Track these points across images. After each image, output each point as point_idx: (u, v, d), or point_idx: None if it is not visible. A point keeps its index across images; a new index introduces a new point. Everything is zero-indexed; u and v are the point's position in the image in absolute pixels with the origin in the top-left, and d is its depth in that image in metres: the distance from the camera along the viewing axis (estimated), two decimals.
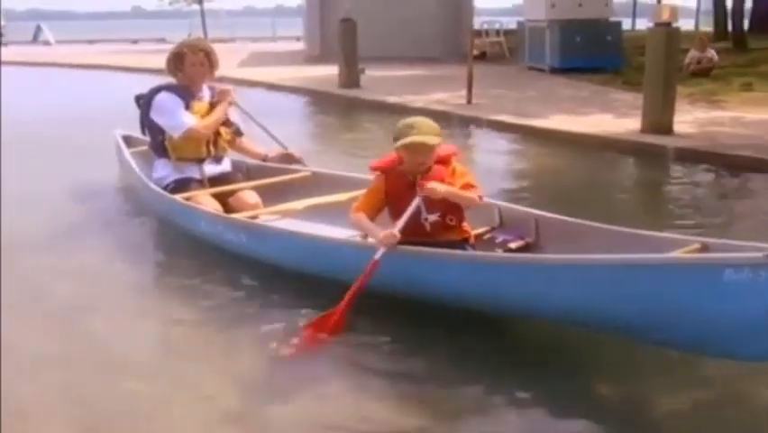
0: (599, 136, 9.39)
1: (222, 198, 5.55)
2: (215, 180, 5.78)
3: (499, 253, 4.34)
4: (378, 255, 3.97)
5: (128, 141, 7.07)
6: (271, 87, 16.15)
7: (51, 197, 6.77)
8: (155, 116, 5.68)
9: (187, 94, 5.68)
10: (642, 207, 7.11)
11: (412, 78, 16.27)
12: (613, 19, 17.62)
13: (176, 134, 5.60)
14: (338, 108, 13.52)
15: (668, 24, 9.04)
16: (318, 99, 14.53)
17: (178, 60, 5.69)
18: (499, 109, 11.54)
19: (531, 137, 9.94)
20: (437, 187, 4.06)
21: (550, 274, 3.58)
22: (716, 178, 7.70)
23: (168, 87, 5.74)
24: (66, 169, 7.75)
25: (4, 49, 29.77)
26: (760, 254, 2.95)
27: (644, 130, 9.23)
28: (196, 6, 35.76)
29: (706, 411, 3.32)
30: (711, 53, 15.03)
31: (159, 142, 5.76)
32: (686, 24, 30.23)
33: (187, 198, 5.44)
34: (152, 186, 5.77)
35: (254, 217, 5.20)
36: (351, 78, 14.80)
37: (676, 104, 9.48)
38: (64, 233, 5.88)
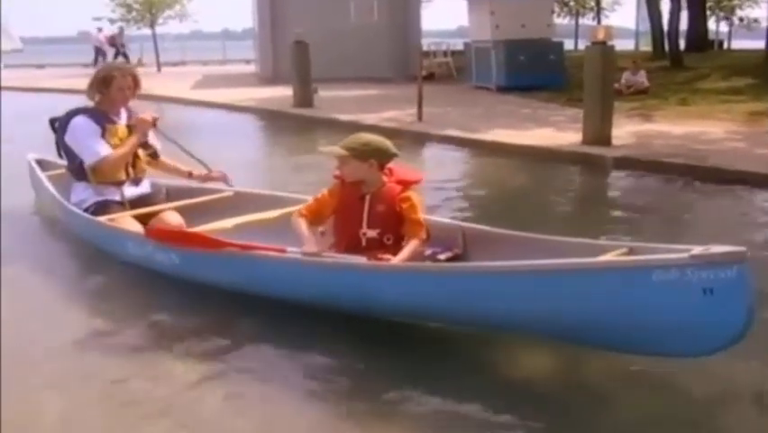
0: (543, 148, 9.92)
1: (143, 220, 5.40)
2: (136, 202, 5.66)
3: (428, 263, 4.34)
4: (291, 250, 4.30)
5: (42, 165, 6.83)
6: (227, 107, 16.53)
7: None
8: (69, 140, 5.57)
9: (103, 117, 5.56)
10: (583, 211, 7.59)
11: (363, 98, 16.72)
12: (555, 39, 18.32)
13: (89, 162, 5.50)
14: (292, 127, 13.84)
15: (603, 43, 9.64)
16: (273, 118, 14.86)
17: (103, 84, 5.57)
18: (449, 125, 12.03)
19: (479, 150, 10.44)
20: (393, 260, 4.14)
21: (480, 282, 3.63)
22: (651, 183, 8.24)
23: (84, 111, 5.60)
24: None
25: None
26: (685, 255, 3.06)
27: (584, 141, 9.79)
28: (145, 31, 35.82)
29: (640, 407, 3.39)
30: (642, 78, 15.81)
31: (77, 166, 5.62)
32: (627, 44, 31.30)
33: (109, 221, 5.34)
34: (72, 209, 5.62)
35: None
36: (304, 97, 15.20)
37: (616, 118, 10.08)
38: None
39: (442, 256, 4.49)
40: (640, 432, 3.25)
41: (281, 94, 16.43)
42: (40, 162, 6.89)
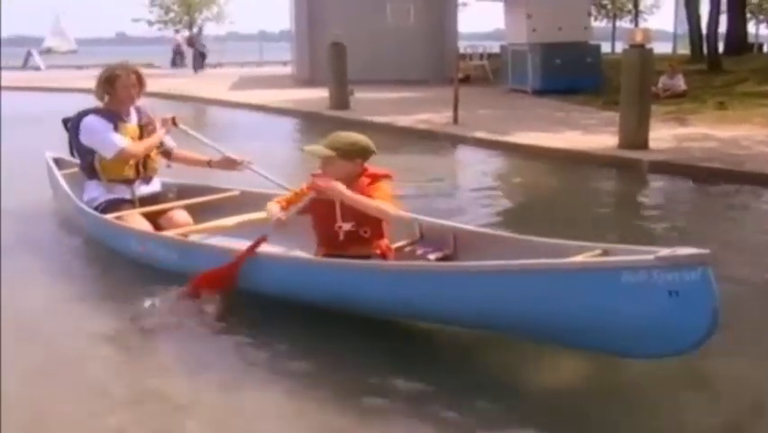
0: (579, 151, 9.92)
1: (153, 218, 5.57)
2: (146, 201, 5.79)
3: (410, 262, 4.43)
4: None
5: (59, 163, 6.97)
6: (264, 109, 16.65)
7: None
8: (85, 139, 5.68)
9: (113, 116, 5.68)
10: (618, 215, 7.58)
11: (399, 100, 16.76)
12: (592, 42, 18.25)
13: (108, 155, 5.60)
14: (328, 128, 13.73)
15: (642, 46, 9.62)
16: (309, 120, 14.98)
17: (109, 83, 5.70)
18: (484, 128, 12.03)
19: (515, 153, 10.45)
20: (337, 185, 4.16)
21: (450, 282, 3.74)
22: (687, 188, 8.21)
23: (95, 111, 5.73)
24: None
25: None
26: (651, 257, 3.12)
27: (621, 145, 9.76)
28: (183, 32, 36.22)
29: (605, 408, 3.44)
30: (680, 82, 15.69)
31: (89, 164, 5.76)
32: (665, 47, 31.08)
33: (118, 219, 5.45)
34: (83, 207, 5.75)
35: (185, 235, 5.22)
36: (340, 99, 15.28)
37: (652, 122, 10.04)
38: None
39: (432, 256, 4.56)
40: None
41: (317, 96, 16.54)
42: (57, 161, 7.05)
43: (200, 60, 31.58)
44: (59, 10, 69.21)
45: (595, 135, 11.08)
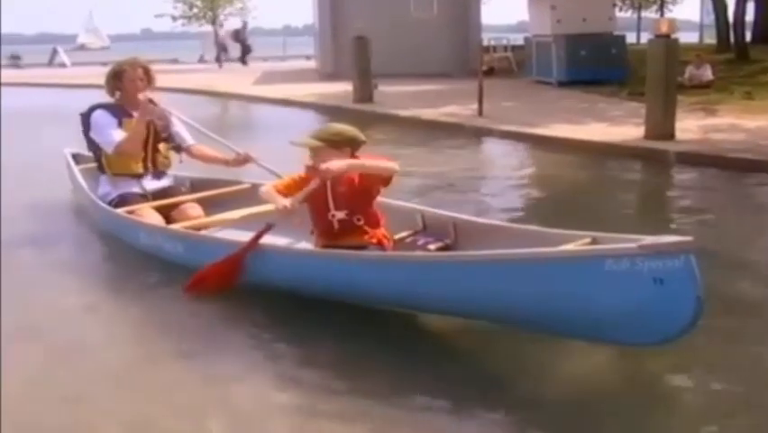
0: (605, 143, 9.87)
1: (165, 212, 5.67)
2: (158, 195, 5.89)
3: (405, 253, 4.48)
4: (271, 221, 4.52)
5: (77, 158, 7.10)
6: (288, 103, 16.68)
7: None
8: (92, 134, 5.86)
9: (120, 112, 5.79)
10: (645, 206, 7.58)
11: (423, 93, 16.74)
12: (617, 33, 18.13)
13: (108, 150, 5.75)
14: (352, 122, 13.82)
15: (667, 36, 9.56)
16: (333, 114, 14.92)
17: (117, 78, 5.81)
18: (510, 120, 11.99)
19: (541, 145, 10.42)
20: (332, 165, 4.19)
21: (437, 271, 3.81)
22: (715, 178, 8.14)
23: (103, 106, 5.86)
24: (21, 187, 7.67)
25: (20, 72, 30.51)
26: (634, 245, 3.15)
27: (647, 136, 9.71)
28: (206, 27, 36.27)
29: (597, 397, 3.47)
30: (706, 72, 15.54)
31: (98, 159, 5.96)
32: (691, 37, 30.78)
33: (130, 212, 5.55)
34: (96, 200, 5.91)
35: (197, 228, 5.33)
36: (364, 93, 15.30)
37: (679, 113, 9.98)
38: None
39: (432, 246, 4.63)
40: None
41: (341, 89, 16.57)
42: (75, 156, 7.18)
43: (246, 54, 32.39)
44: (92, 7, 70.43)
45: (621, 127, 11.03)
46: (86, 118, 5.89)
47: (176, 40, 65.75)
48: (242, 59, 32.22)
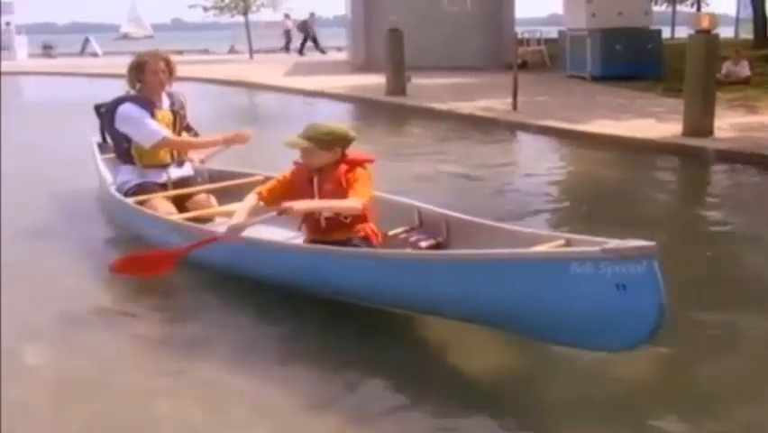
0: (642, 139, 9.76)
1: (180, 202, 5.74)
2: (177, 184, 5.95)
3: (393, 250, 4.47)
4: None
5: (102, 148, 7.07)
6: (319, 94, 16.65)
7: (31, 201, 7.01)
8: (122, 126, 5.77)
9: (148, 104, 5.78)
10: (684, 205, 7.47)
11: (456, 86, 16.67)
12: (653, 27, 17.92)
13: (147, 144, 5.73)
14: (385, 115, 13.93)
15: (708, 32, 9.41)
16: (366, 106, 14.97)
17: (139, 70, 5.79)
18: (545, 115, 11.90)
19: (576, 141, 10.31)
20: (294, 205, 4.29)
21: (406, 269, 3.85)
22: (755, 177, 8.03)
23: (130, 98, 5.82)
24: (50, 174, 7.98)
25: (53, 61, 30.79)
26: (597, 248, 3.10)
27: (685, 133, 9.58)
28: (237, 18, 36.31)
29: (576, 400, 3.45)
30: (744, 68, 15.34)
31: (124, 150, 5.88)
32: (727, 32, 30.43)
33: (144, 201, 5.58)
34: (109, 189, 6.00)
35: (204, 218, 5.51)
36: (397, 85, 15.22)
37: (717, 109, 9.84)
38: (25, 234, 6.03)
39: (423, 244, 4.62)
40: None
41: (374, 81, 16.52)
42: (100, 146, 7.18)
43: (315, 44, 33.70)
44: None
45: (657, 123, 10.90)
46: (110, 110, 5.86)
47: (205, 30, 65.97)
48: (318, 49, 33.83)
